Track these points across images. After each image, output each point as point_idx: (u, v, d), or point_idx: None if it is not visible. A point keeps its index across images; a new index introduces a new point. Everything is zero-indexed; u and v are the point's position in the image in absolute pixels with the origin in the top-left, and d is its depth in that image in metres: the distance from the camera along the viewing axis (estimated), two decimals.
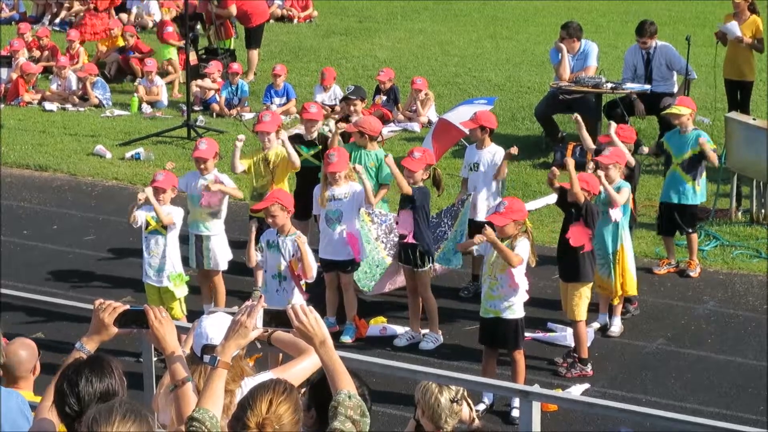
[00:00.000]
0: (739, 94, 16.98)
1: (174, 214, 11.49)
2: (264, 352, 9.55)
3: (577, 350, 11.28)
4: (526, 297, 10.60)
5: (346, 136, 13.42)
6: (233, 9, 21.74)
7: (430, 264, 11.86)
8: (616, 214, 11.73)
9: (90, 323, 5.63)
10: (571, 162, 11.20)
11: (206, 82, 20.42)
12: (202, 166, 12.06)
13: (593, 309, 12.36)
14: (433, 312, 11.89)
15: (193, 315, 10.09)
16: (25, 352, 7.19)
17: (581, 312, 11.19)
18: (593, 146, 13.04)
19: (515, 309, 10.51)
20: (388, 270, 12.28)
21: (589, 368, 11.23)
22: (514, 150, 12.52)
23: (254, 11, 21.80)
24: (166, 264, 11.50)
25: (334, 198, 11.92)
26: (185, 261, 11.93)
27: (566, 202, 11.21)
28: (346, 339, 11.90)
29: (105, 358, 5.35)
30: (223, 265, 12.25)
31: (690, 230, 13.30)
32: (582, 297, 11.18)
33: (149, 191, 11.31)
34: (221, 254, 12.20)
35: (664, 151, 13.78)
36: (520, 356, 10.62)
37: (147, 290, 11.63)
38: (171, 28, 22.45)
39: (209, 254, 12.13)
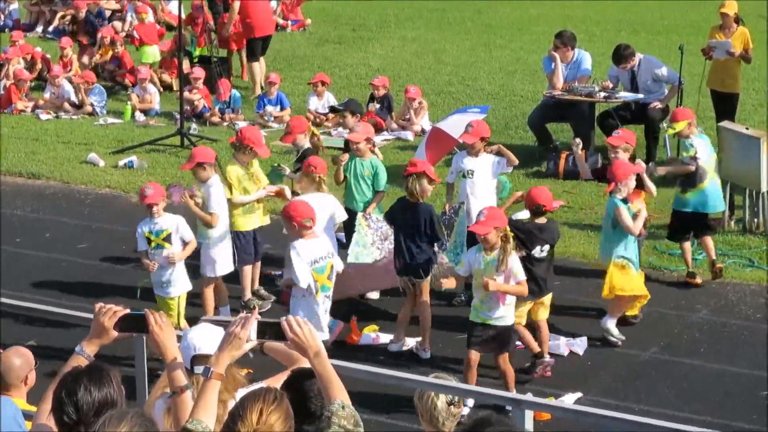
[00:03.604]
0: (725, 106, 16.97)
1: (179, 224, 11.66)
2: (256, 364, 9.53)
3: (542, 348, 11.39)
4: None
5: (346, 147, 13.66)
6: (236, 6, 21.37)
7: (432, 273, 11.89)
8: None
9: (88, 328, 5.63)
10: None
11: (193, 95, 20.33)
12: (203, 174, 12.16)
13: (590, 316, 12.40)
14: (427, 321, 11.87)
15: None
16: (18, 360, 7.16)
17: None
18: (590, 176, 13.30)
19: (504, 317, 10.57)
20: (375, 269, 12.29)
21: (547, 359, 11.40)
22: None
23: (258, 24, 21.46)
24: (173, 275, 11.58)
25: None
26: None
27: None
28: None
29: (104, 366, 5.34)
30: (211, 272, 12.26)
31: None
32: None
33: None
34: (217, 261, 12.25)
35: None
36: (504, 362, 10.63)
37: (158, 302, 11.68)
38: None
39: (203, 260, 12.20)
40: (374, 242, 12.45)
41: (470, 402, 10.55)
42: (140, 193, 11.80)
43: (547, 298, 11.48)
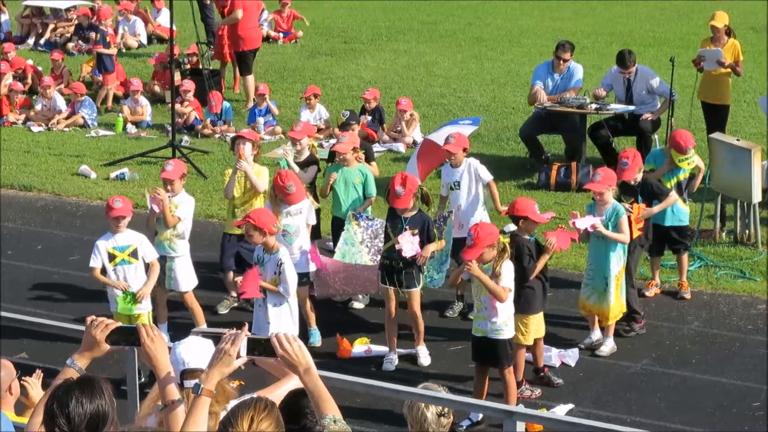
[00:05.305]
0: (715, 117, 17.01)
1: (143, 241, 11.59)
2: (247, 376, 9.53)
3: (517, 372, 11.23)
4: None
5: (330, 156, 13.69)
6: (239, 13, 21.29)
7: (420, 285, 11.87)
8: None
9: (80, 341, 5.62)
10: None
11: (184, 107, 20.34)
12: (169, 187, 12.17)
13: (582, 327, 12.41)
14: (421, 327, 11.87)
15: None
16: (1, 372, 7.15)
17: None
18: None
19: (501, 330, 10.51)
20: (358, 271, 12.31)
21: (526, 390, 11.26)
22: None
23: (247, 36, 21.45)
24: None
25: (290, 214, 12.12)
26: None
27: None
28: (315, 343, 12.09)
29: (96, 378, 5.33)
30: (185, 287, 12.27)
31: (686, 246, 13.34)
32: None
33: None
34: (185, 276, 12.26)
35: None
36: (509, 375, 10.61)
37: (117, 319, 11.48)
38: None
39: (171, 274, 12.19)
40: (363, 240, 12.49)
41: (479, 416, 10.54)
42: (108, 204, 11.52)
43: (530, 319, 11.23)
